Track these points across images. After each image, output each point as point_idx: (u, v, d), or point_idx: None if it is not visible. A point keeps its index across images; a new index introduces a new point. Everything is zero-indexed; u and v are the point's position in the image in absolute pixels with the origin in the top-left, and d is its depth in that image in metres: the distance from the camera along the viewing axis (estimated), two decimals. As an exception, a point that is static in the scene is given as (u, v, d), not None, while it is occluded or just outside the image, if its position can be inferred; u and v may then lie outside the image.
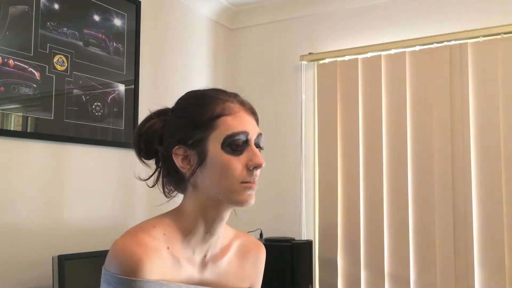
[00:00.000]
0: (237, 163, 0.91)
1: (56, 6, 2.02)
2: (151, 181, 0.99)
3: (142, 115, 2.37)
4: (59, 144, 2.01)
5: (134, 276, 0.84)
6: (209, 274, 0.98)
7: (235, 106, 0.94)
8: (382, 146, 2.58)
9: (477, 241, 2.33)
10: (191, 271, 0.94)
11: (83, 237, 2.05)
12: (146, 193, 2.38)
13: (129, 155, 2.35)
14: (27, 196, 1.89)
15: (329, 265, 2.66)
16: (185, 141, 0.93)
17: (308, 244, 2.51)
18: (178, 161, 0.93)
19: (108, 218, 2.20)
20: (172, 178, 0.97)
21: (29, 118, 1.90)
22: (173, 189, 0.99)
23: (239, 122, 0.92)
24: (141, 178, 1.00)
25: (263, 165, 0.92)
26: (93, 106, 2.15)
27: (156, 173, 0.99)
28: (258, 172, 0.93)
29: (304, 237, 2.77)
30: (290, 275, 2.39)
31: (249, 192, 0.92)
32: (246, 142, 0.93)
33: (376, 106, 2.61)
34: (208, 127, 0.91)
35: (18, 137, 1.86)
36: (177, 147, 0.93)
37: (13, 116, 1.85)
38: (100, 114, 2.18)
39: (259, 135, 0.96)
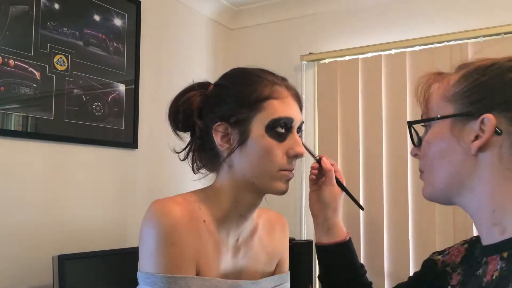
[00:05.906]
0: (279, 150, 0.88)
1: (56, 6, 2.02)
2: (182, 155, 0.96)
3: (143, 115, 2.39)
4: (59, 144, 2.01)
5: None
6: (241, 258, 0.96)
7: (283, 90, 0.92)
8: (382, 146, 2.58)
9: (477, 241, 2.33)
10: (225, 255, 0.92)
11: (83, 237, 2.05)
12: (146, 193, 2.38)
13: (129, 155, 2.36)
14: (27, 196, 1.89)
15: (329, 265, 2.66)
16: (228, 118, 0.89)
17: (308, 244, 2.51)
18: (217, 138, 0.90)
19: (108, 218, 2.20)
20: (206, 154, 0.94)
21: (29, 118, 1.90)
22: (201, 166, 0.96)
23: (286, 107, 0.90)
24: (176, 151, 0.97)
25: (303, 155, 0.90)
26: (93, 106, 2.15)
27: (188, 146, 0.96)
28: (295, 161, 0.91)
29: (304, 237, 2.77)
30: (290, 275, 2.38)
31: (286, 180, 0.91)
32: (290, 129, 0.90)
33: (376, 106, 2.61)
34: (254, 108, 0.88)
35: (18, 137, 1.86)
36: (218, 123, 0.90)
37: (13, 116, 1.84)
38: (100, 114, 2.18)
39: (302, 123, 0.94)
